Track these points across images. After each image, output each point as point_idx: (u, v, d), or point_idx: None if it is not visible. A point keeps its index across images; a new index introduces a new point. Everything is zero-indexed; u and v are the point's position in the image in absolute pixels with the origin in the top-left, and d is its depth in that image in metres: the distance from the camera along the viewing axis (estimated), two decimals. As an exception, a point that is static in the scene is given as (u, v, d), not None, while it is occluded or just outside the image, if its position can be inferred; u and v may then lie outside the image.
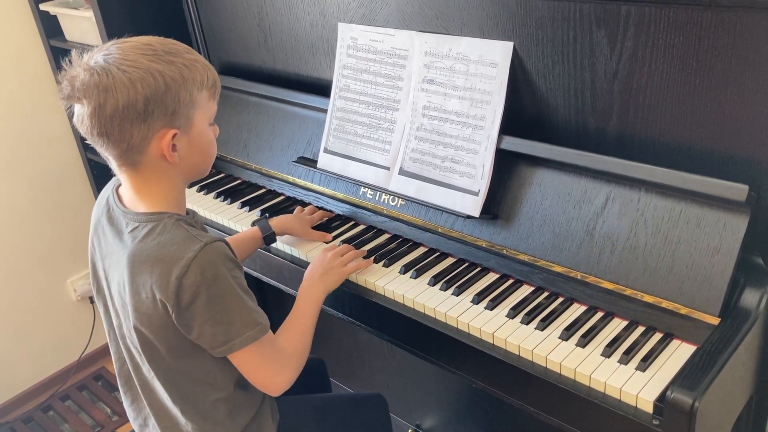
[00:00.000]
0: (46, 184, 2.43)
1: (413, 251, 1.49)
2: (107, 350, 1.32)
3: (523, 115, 1.40)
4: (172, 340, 1.13)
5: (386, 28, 1.55)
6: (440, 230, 1.47)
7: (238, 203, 1.76)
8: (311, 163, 1.70)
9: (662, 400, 1.03)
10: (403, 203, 1.53)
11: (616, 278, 1.23)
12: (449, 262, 1.44)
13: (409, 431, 2.12)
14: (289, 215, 1.61)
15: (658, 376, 1.09)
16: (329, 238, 1.56)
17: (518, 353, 1.20)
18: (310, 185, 1.71)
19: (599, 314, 1.24)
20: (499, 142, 1.39)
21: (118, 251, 1.15)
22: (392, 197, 1.55)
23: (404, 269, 1.42)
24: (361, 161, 1.61)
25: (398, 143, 1.55)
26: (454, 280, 1.38)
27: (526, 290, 1.33)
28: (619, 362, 1.13)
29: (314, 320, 1.30)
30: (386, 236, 1.56)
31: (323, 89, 1.72)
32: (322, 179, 1.69)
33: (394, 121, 1.56)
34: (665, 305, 1.18)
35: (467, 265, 1.42)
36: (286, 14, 1.79)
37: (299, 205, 1.71)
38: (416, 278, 1.40)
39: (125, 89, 1.04)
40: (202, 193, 1.85)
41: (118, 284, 1.15)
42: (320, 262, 1.39)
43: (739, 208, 1.13)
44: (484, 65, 1.40)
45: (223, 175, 1.93)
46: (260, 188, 1.83)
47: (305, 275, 1.38)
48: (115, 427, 2.43)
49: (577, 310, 1.26)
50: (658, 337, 1.16)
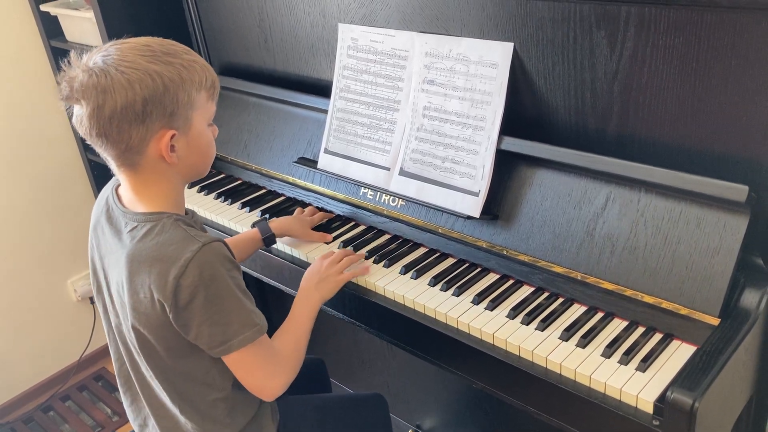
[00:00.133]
0: (46, 184, 2.43)
1: (413, 252, 1.49)
2: (107, 350, 1.32)
3: (523, 115, 1.40)
4: (170, 340, 1.13)
5: (386, 28, 1.55)
6: (440, 231, 1.47)
7: (238, 204, 1.76)
8: (311, 163, 1.70)
9: (662, 400, 1.03)
10: (403, 204, 1.53)
11: (616, 279, 1.23)
12: (449, 262, 1.44)
13: (409, 431, 2.12)
14: (288, 217, 1.61)
15: (658, 376, 1.09)
16: (329, 239, 1.56)
17: (518, 354, 1.20)
18: (310, 186, 1.71)
19: (599, 315, 1.24)
20: (499, 142, 1.39)
21: (117, 251, 1.15)
22: (392, 198, 1.55)
23: (404, 270, 1.42)
24: (361, 162, 1.61)
25: (398, 144, 1.55)
26: (454, 280, 1.37)
27: (526, 291, 1.33)
28: (619, 363, 1.13)
29: (309, 327, 1.30)
30: (386, 237, 1.55)
31: (323, 90, 1.72)
32: (322, 180, 1.69)
33: (394, 121, 1.56)
34: (665, 306, 1.18)
35: (467, 265, 1.42)
36: (286, 15, 1.79)
37: (299, 205, 1.71)
38: (416, 279, 1.40)
39: (123, 90, 1.04)
40: (202, 193, 1.85)
41: (116, 284, 1.15)
42: (316, 270, 1.38)
43: (739, 208, 1.13)
44: (484, 66, 1.40)
45: (223, 175, 1.93)
46: (260, 189, 1.83)
47: (302, 282, 1.37)
48: (115, 427, 2.43)
49: (577, 310, 1.26)
50: (658, 337, 1.16)
